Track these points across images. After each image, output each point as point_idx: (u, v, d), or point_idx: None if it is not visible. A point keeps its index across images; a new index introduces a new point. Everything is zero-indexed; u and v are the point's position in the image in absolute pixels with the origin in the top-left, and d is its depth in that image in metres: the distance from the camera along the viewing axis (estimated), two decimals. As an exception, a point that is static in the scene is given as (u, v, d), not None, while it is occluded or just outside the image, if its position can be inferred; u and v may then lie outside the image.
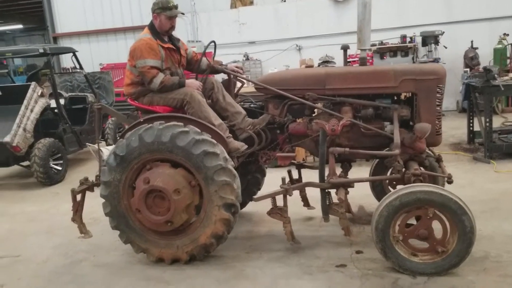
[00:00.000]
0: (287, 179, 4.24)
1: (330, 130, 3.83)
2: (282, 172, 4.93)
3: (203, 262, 4.02)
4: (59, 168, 7.49)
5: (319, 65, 10.31)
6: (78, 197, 4.43)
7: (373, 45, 10.65)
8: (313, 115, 4.33)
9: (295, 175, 4.73)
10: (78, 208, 4.42)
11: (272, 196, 4.02)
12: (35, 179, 7.19)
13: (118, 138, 8.98)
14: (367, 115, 4.12)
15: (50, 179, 7.22)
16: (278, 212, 3.99)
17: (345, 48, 4.68)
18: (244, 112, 4.37)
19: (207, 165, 3.76)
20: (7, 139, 6.62)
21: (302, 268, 3.82)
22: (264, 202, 4.09)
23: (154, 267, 4.02)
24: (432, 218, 3.45)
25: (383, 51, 11.07)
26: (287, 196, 3.96)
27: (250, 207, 5.03)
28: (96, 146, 7.14)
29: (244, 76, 4.71)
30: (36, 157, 6.97)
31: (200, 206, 3.95)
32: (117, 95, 10.25)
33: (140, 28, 13.03)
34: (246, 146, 4.15)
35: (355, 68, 4.38)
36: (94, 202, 4.52)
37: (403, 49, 11.00)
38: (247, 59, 12.15)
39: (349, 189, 4.00)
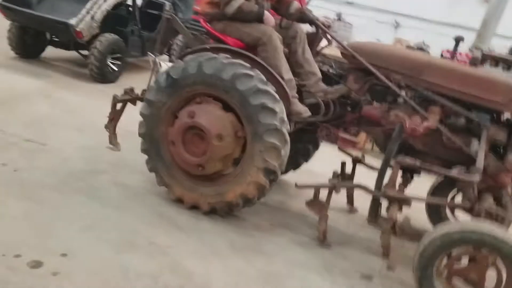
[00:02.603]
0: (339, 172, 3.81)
1: (409, 129, 3.26)
2: (334, 150, 4.43)
3: (222, 219, 3.65)
4: (115, 68, 7.23)
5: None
6: (118, 106, 4.14)
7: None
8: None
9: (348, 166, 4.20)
10: (114, 117, 4.15)
11: (318, 188, 3.59)
12: (88, 72, 6.99)
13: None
14: (456, 124, 3.48)
15: (103, 76, 6.99)
16: (318, 206, 3.56)
17: (458, 39, 3.98)
18: (319, 74, 3.84)
19: (261, 121, 3.30)
20: (72, 21, 6.40)
21: (325, 264, 3.38)
22: (308, 176, 3.61)
23: (171, 206, 3.69)
24: (489, 266, 2.89)
25: (485, 58, 9.92)
26: (333, 192, 3.53)
27: (290, 176, 4.59)
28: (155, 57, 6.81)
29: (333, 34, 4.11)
30: (96, 50, 6.73)
31: (239, 160, 3.54)
32: (195, 13, 9.79)
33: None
34: (310, 114, 3.64)
35: (464, 68, 3.68)
36: (136, 115, 4.17)
37: (508, 63, 9.81)
38: (339, 19, 11.30)
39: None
